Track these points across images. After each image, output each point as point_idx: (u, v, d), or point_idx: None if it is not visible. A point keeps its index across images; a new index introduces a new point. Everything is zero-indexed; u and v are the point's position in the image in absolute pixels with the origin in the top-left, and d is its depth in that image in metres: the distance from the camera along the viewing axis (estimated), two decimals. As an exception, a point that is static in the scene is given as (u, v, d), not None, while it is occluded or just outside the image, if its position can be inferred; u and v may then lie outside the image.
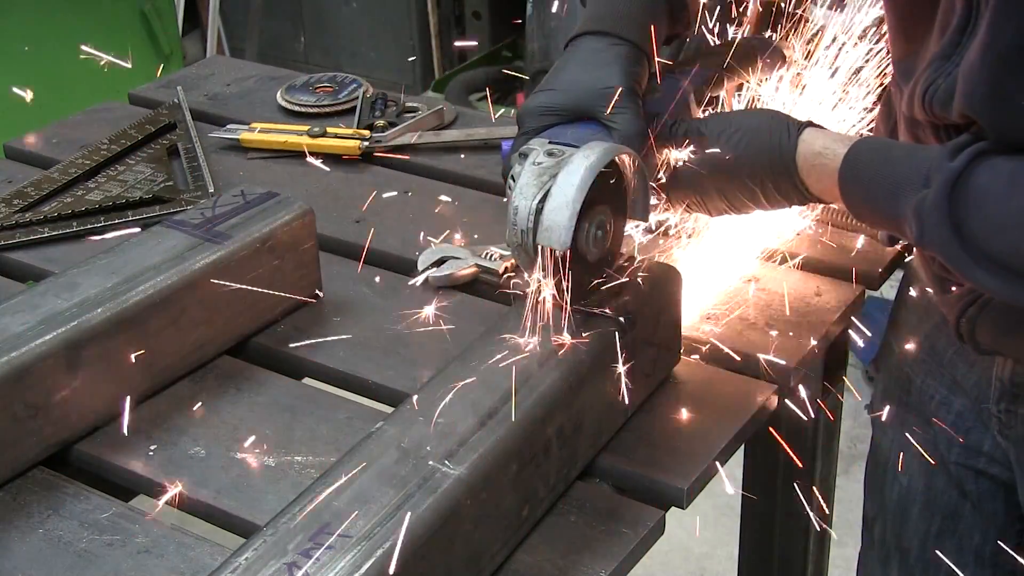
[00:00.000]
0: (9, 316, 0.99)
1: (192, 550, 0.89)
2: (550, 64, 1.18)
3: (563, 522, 0.92)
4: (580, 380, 0.93)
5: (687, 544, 2.29)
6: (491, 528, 0.85)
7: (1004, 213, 0.88)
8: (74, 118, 1.60)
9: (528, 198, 0.94)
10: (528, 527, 0.90)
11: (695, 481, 0.96)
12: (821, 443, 1.31)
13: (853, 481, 2.48)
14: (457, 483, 0.82)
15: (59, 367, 0.97)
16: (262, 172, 1.44)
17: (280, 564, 0.75)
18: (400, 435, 0.86)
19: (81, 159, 1.44)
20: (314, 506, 0.80)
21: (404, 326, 1.14)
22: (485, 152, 1.47)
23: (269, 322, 1.15)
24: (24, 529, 0.92)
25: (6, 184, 1.41)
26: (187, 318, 1.06)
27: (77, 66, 2.71)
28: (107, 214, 1.33)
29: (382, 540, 0.77)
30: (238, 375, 1.09)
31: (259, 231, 1.12)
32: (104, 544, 0.90)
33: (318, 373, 1.12)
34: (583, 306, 0.98)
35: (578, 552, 0.89)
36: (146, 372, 1.04)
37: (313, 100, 1.57)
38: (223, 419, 1.03)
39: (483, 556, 0.85)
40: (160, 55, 2.92)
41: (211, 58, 2.72)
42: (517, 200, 0.95)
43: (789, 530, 1.37)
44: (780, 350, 1.08)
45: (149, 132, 1.50)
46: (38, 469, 0.98)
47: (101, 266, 1.06)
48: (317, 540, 0.77)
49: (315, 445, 0.99)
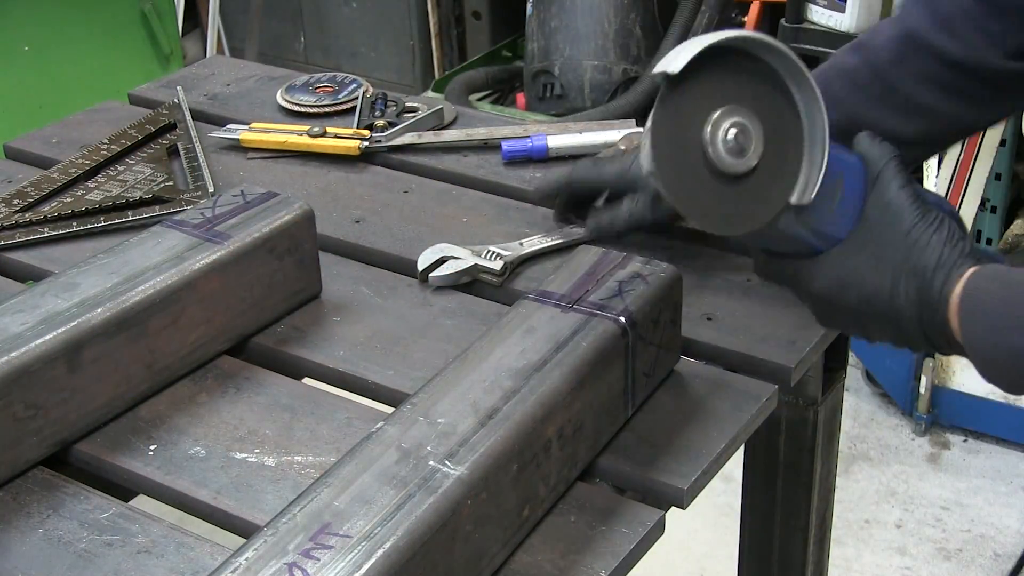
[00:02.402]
0: (9, 316, 0.99)
1: (192, 550, 0.89)
2: (550, 64, 1.19)
3: (563, 522, 0.92)
4: (581, 380, 0.93)
5: (687, 544, 2.29)
6: (492, 528, 0.85)
7: None
8: (74, 118, 1.60)
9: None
10: (529, 527, 0.90)
11: (695, 481, 0.96)
12: (821, 443, 1.31)
13: (853, 481, 2.50)
14: (457, 483, 0.82)
15: (59, 367, 0.97)
16: (262, 172, 1.44)
17: (280, 564, 0.75)
18: (400, 435, 0.86)
19: (81, 159, 1.44)
20: (314, 506, 0.80)
21: (404, 326, 1.14)
22: (485, 152, 1.47)
23: (269, 322, 1.15)
24: (24, 529, 0.92)
25: (6, 184, 1.41)
26: (187, 318, 1.06)
27: (77, 66, 2.73)
28: (107, 214, 1.33)
29: (382, 540, 0.77)
30: (238, 375, 1.09)
31: (259, 231, 1.12)
32: (104, 544, 0.90)
33: (318, 373, 1.12)
34: (582, 306, 0.98)
35: (578, 552, 0.89)
36: (146, 372, 1.04)
37: (313, 100, 1.57)
38: (223, 419, 1.03)
39: (483, 556, 0.85)
40: (160, 55, 2.92)
41: (211, 58, 2.72)
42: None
43: (789, 530, 1.37)
44: (780, 350, 1.08)
45: (149, 132, 1.50)
46: (38, 469, 0.98)
47: (101, 266, 1.06)
48: (318, 540, 0.77)
49: (315, 445, 0.99)
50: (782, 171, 0.87)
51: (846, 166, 0.92)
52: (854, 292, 0.92)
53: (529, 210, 1.34)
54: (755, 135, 0.85)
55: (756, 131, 0.85)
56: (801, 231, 0.90)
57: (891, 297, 0.90)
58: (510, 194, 1.38)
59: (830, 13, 2.58)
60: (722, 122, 0.85)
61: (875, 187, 0.92)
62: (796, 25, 2.63)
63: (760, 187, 0.87)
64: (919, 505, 2.43)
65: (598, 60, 3.25)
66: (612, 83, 3.25)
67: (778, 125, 0.86)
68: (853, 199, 0.92)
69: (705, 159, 0.85)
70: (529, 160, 1.44)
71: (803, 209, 0.88)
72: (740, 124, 0.85)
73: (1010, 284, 0.86)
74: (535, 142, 1.44)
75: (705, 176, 0.85)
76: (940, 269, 0.89)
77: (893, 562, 2.30)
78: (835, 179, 0.90)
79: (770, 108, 0.86)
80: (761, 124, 0.86)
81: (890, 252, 0.90)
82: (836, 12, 2.57)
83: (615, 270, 1.03)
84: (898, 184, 0.91)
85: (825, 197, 0.89)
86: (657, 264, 1.04)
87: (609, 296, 0.99)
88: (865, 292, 0.91)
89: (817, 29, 2.61)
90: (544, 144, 1.43)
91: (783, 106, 0.87)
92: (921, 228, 0.90)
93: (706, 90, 0.85)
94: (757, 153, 0.86)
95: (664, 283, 1.02)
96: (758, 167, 0.86)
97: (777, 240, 0.93)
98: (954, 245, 0.90)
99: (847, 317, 0.94)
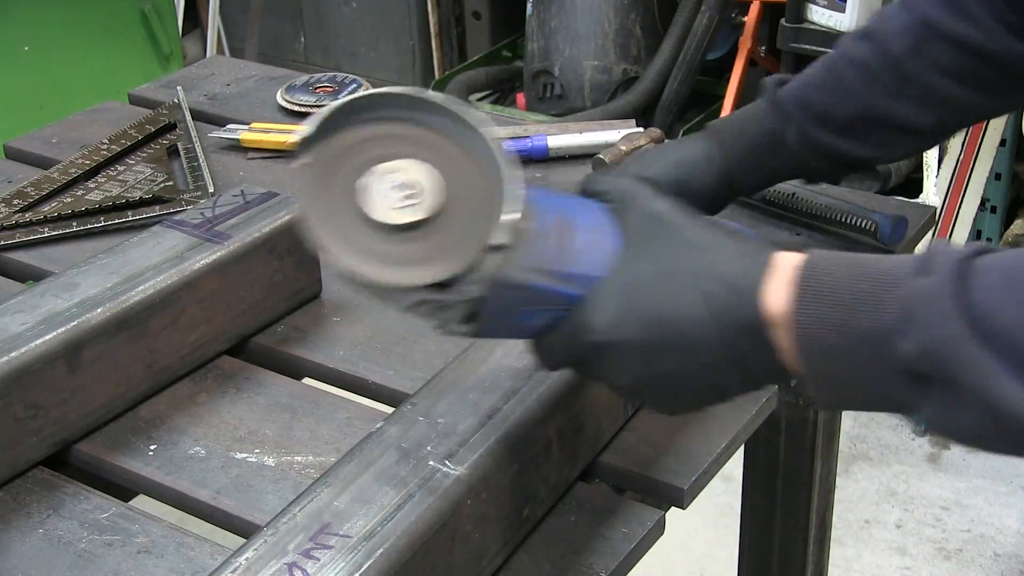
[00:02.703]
0: (9, 316, 0.99)
1: (192, 550, 0.89)
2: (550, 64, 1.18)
3: (563, 522, 0.92)
4: (581, 380, 0.93)
5: (687, 544, 2.29)
6: (491, 528, 0.86)
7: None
8: (74, 118, 1.60)
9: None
10: (529, 527, 0.90)
11: (695, 481, 0.96)
12: (821, 443, 1.31)
13: (853, 481, 2.50)
14: (457, 483, 0.82)
15: (59, 367, 0.97)
16: (262, 172, 1.44)
17: (280, 564, 0.75)
18: (400, 435, 0.86)
19: (81, 159, 1.44)
20: (314, 506, 0.80)
21: (404, 326, 1.14)
22: (485, 152, 1.47)
23: (269, 322, 1.15)
24: (24, 529, 0.92)
25: (6, 184, 1.41)
26: (187, 318, 1.06)
27: (77, 66, 2.73)
28: (107, 214, 1.33)
29: (383, 540, 0.77)
30: (238, 375, 1.09)
31: (259, 231, 1.12)
32: (104, 544, 0.90)
33: (318, 373, 1.12)
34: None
35: (578, 552, 0.89)
36: (146, 372, 1.04)
37: (313, 100, 1.56)
38: (223, 419, 1.03)
39: (483, 556, 0.85)
40: (160, 55, 2.92)
41: (211, 58, 2.72)
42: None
43: (789, 530, 1.37)
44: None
45: (149, 132, 1.50)
46: (38, 469, 0.98)
47: (101, 266, 1.06)
48: (318, 540, 0.77)
49: (315, 445, 0.99)
50: (471, 218, 0.76)
51: (566, 203, 0.81)
52: (636, 315, 0.73)
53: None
54: (427, 187, 0.76)
55: (428, 183, 0.76)
56: (531, 277, 0.77)
57: (689, 304, 0.72)
58: (510, 194, 1.38)
59: (830, 13, 2.59)
60: (380, 176, 0.76)
61: (629, 209, 0.78)
62: (796, 25, 2.63)
63: (447, 236, 0.76)
64: (919, 505, 2.43)
65: (598, 60, 3.25)
66: (612, 83, 3.25)
67: (455, 174, 0.77)
68: (596, 232, 0.79)
69: (367, 217, 0.76)
70: (529, 160, 1.44)
71: (511, 249, 0.74)
72: (404, 177, 0.76)
73: (855, 260, 0.69)
74: (535, 142, 1.44)
75: (372, 233, 0.77)
76: (743, 259, 0.72)
77: (893, 562, 2.30)
78: (552, 214, 0.78)
79: (441, 158, 0.77)
80: (433, 175, 0.77)
81: (666, 257, 0.74)
82: (836, 12, 2.57)
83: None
84: (657, 198, 0.78)
85: (543, 234, 0.77)
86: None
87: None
88: (653, 309, 0.72)
89: (817, 29, 2.61)
90: (544, 144, 1.43)
91: (457, 155, 0.77)
92: (697, 228, 0.75)
93: (356, 147, 0.78)
94: (429, 205, 0.76)
95: None
96: (440, 218, 0.76)
97: (518, 299, 0.78)
98: (745, 240, 0.74)
99: (636, 358, 0.73)
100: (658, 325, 0.72)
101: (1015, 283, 0.63)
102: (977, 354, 0.62)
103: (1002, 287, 0.63)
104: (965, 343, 0.62)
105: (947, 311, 0.63)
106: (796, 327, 0.69)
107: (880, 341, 0.66)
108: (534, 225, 0.77)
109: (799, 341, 0.69)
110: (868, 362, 0.67)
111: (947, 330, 0.63)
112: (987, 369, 0.62)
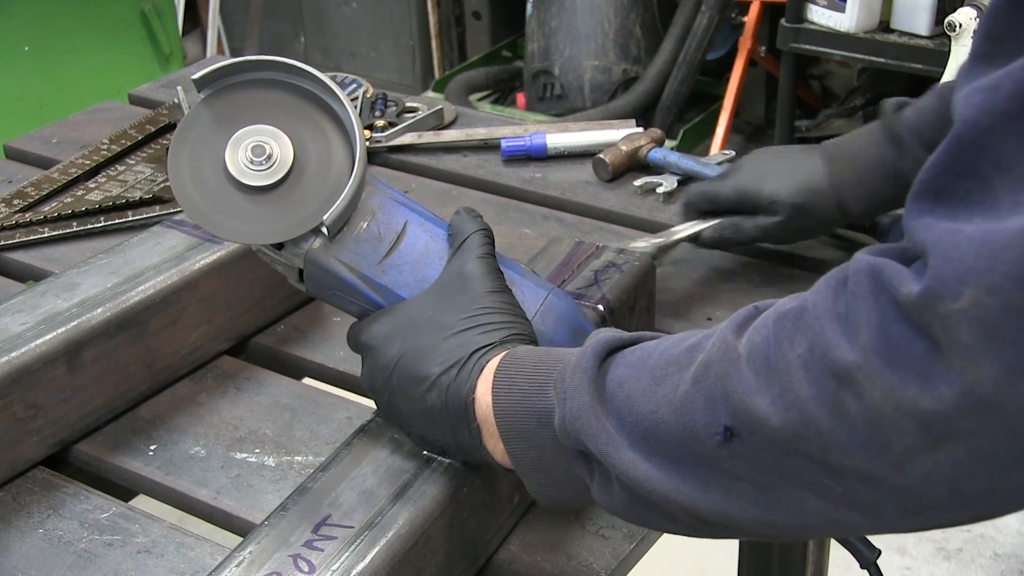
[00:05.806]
0: (9, 316, 0.99)
1: (192, 550, 0.89)
2: (550, 64, 1.18)
3: (563, 522, 0.92)
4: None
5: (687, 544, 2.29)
6: (486, 515, 0.87)
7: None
8: (74, 118, 1.60)
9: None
10: (519, 513, 0.91)
11: (695, 481, 0.96)
12: (821, 443, 1.31)
13: (853, 481, 2.50)
14: (453, 471, 0.83)
15: (59, 367, 0.97)
16: (262, 172, 1.43)
17: (284, 556, 0.76)
18: (395, 429, 0.87)
19: (81, 159, 1.44)
20: (314, 498, 0.80)
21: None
22: (485, 152, 1.47)
23: (269, 322, 1.15)
24: (24, 529, 0.92)
25: (6, 184, 1.41)
26: (187, 318, 1.06)
27: (77, 66, 2.73)
28: (107, 214, 1.33)
29: (384, 530, 0.78)
30: (238, 375, 1.09)
31: (259, 231, 1.11)
32: (104, 544, 0.90)
33: (318, 373, 1.12)
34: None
35: (578, 552, 0.89)
36: (146, 372, 1.04)
37: (313, 100, 1.56)
38: (223, 419, 1.03)
39: (479, 543, 0.86)
40: (160, 55, 2.92)
41: (211, 58, 2.72)
42: None
43: (789, 530, 1.37)
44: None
45: (149, 132, 1.50)
46: (38, 469, 0.98)
47: (101, 266, 1.06)
48: (319, 532, 0.77)
49: (315, 445, 0.99)
50: (315, 194, 0.83)
51: (421, 219, 0.86)
52: (395, 347, 0.81)
53: (529, 210, 1.34)
54: (283, 154, 0.83)
55: (285, 150, 0.83)
56: (343, 271, 0.83)
57: (427, 368, 0.79)
58: (510, 194, 1.38)
59: (830, 13, 2.59)
60: (246, 138, 0.82)
61: (456, 255, 0.84)
62: (796, 25, 2.63)
63: (290, 205, 0.83)
64: (919, 505, 2.43)
65: (598, 60, 3.25)
66: (612, 83, 3.25)
67: (312, 148, 0.84)
68: (425, 256, 0.85)
69: (225, 171, 0.82)
70: (528, 158, 1.44)
71: (334, 238, 0.82)
72: (265, 141, 0.82)
73: (550, 352, 0.77)
74: (534, 140, 1.44)
75: (225, 186, 0.83)
76: (482, 347, 0.79)
77: (893, 562, 2.30)
78: (400, 222, 0.85)
79: (305, 131, 0.84)
80: (289, 147, 0.83)
81: (447, 316, 0.81)
82: (836, 12, 2.57)
83: (590, 260, 1.04)
84: (478, 255, 0.83)
85: (372, 237, 0.84)
86: (630, 253, 1.05)
87: (586, 285, 1.00)
88: (406, 349, 0.80)
89: (817, 29, 2.61)
90: (543, 142, 1.43)
91: (318, 131, 0.84)
92: (484, 302, 0.81)
93: (232, 107, 0.84)
94: (282, 171, 0.82)
95: (638, 271, 1.04)
96: (286, 184, 0.83)
97: (331, 284, 0.85)
98: (507, 327, 0.80)
99: (384, 376, 0.82)
100: (402, 368, 0.80)
101: (643, 362, 0.70)
102: (602, 425, 0.69)
103: (630, 365, 0.70)
104: (594, 414, 0.69)
105: (580, 385, 0.70)
106: (495, 412, 0.76)
107: (549, 420, 0.73)
108: (371, 224, 0.84)
109: (498, 426, 0.76)
110: (550, 441, 0.74)
111: (579, 402, 0.70)
112: (611, 439, 0.69)
